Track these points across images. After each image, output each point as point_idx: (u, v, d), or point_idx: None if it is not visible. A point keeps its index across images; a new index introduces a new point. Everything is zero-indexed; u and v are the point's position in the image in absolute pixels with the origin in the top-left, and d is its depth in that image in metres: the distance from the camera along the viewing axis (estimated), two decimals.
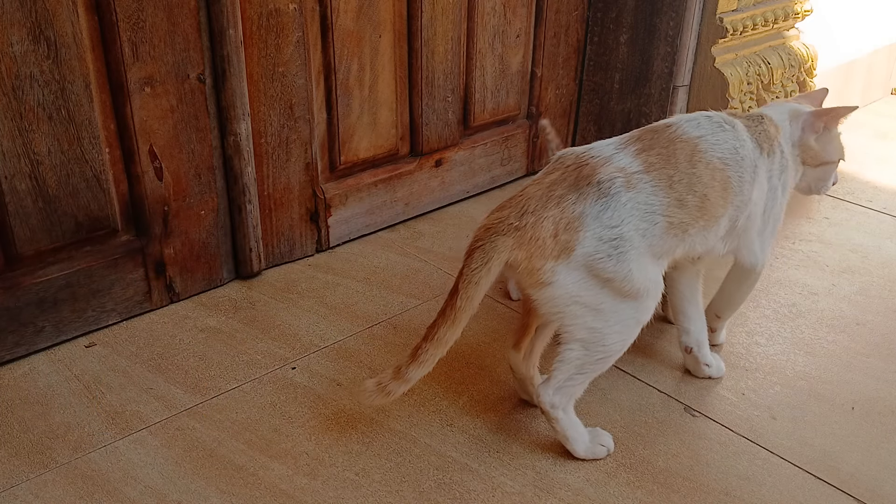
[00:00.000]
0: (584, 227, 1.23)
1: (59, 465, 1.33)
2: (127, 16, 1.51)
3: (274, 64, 1.76)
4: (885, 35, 3.23)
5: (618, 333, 1.30)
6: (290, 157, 1.87)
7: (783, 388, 1.58)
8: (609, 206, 1.24)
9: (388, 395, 1.30)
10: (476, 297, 1.24)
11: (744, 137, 1.39)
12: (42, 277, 1.56)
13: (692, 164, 1.31)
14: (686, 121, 1.38)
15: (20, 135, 1.45)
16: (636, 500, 1.31)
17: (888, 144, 2.88)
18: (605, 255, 1.23)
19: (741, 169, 1.35)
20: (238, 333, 1.69)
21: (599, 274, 1.24)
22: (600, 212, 1.24)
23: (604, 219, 1.23)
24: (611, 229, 1.24)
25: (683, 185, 1.29)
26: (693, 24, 2.22)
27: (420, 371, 1.29)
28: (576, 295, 1.26)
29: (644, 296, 1.28)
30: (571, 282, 1.24)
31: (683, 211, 1.29)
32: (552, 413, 1.34)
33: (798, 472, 1.38)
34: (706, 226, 1.32)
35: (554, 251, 1.23)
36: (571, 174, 1.27)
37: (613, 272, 1.24)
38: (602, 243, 1.23)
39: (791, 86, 2.48)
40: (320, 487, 1.30)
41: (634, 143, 1.32)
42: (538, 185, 1.28)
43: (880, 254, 2.11)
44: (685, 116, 1.40)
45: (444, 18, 2.04)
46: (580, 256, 1.23)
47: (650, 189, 1.27)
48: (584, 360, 1.31)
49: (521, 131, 2.39)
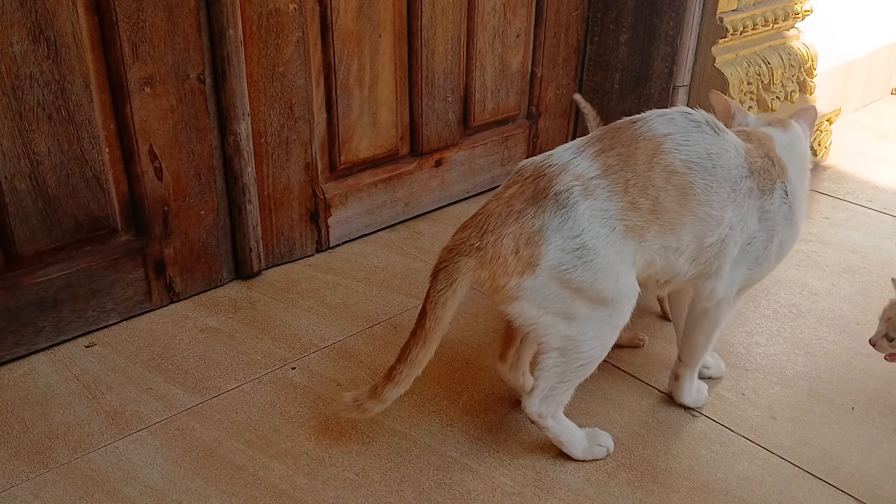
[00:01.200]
0: (545, 240, 1.20)
1: (59, 465, 1.33)
2: (127, 16, 1.50)
3: (274, 64, 1.76)
4: (885, 35, 3.23)
5: (594, 339, 1.27)
6: (290, 157, 1.87)
7: (783, 388, 1.58)
8: (569, 216, 1.20)
9: (364, 413, 1.31)
10: (445, 317, 1.24)
11: (729, 147, 1.29)
12: (42, 277, 1.56)
13: (650, 165, 1.24)
14: (657, 116, 1.31)
15: (20, 135, 1.45)
16: (636, 500, 1.30)
17: (888, 144, 2.88)
18: (570, 266, 1.20)
19: (711, 178, 1.25)
20: (238, 333, 1.69)
21: (569, 284, 1.22)
22: (561, 223, 1.20)
23: (565, 230, 1.20)
24: (573, 239, 1.20)
25: (637, 188, 1.23)
26: (693, 24, 2.21)
27: (396, 391, 1.28)
28: (545, 307, 1.23)
29: (617, 301, 1.25)
30: (540, 295, 1.22)
31: (637, 214, 1.23)
32: (541, 423, 1.34)
33: (798, 472, 1.38)
34: (662, 232, 1.24)
35: (517, 267, 1.21)
36: (529, 187, 1.24)
37: (581, 281, 1.21)
38: (566, 254, 1.20)
39: (791, 86, 2.48)
40: (320, 487, 1.30)
41: (595, 145, 1.26)
42: (498, 200, 1.25)
43: (880, 254, 2.11)
44: (659, 112, 1.32)
45: (444, 18, 2.04)
46: (546, 270, 1.21)
47: (606, 194, 1.22)
48: (563, 368, 1.29)
49: (521, 131, 2.39)
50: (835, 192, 2.46)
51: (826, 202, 2.41)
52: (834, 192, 2.46)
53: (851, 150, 2.77)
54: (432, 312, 1.24)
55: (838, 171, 2.62)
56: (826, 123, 2.59)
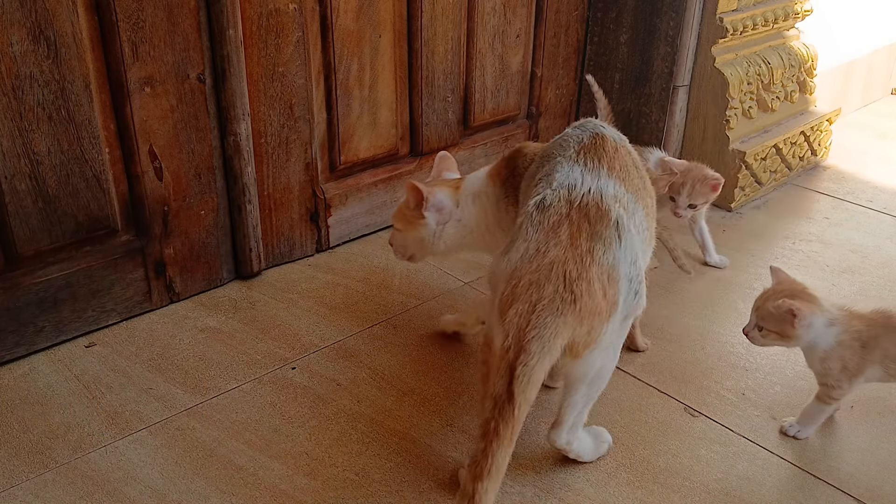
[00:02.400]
0: (619, 275, 1.11)
1: (59, 465, 1.33)
2: (127, 16, 1.50)
3: (274, 64, 1.76)
4: (885, 35, 3.23)
5: (614, 359, 1.23)
6: (290, 157, 1.87)
7: (783, 388, 1.58)
8: (626, 243, 1.13)
9: None
10: (533, 396, 1.05)
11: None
12: (42, 277, 1.56)
13: (636, 169, 1.28)
14: (600, 125, 1.31)
15: (20, 135, 1.45)
16: (636, 500, 1.30)
17: (888, 144, 2.88)
18: (633, 294, 1.14)
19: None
20: (238, 333, 1.69)
21: (629, 313, 1.16)
22: (624, 253, 1.12)
23: (627, 258, 1.13)
24: (633, 266, 1.13)
25: (643, 193, 1.24)
26: (693, 24, 2.21)
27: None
28: (608, 345, 1.15)
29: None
30: (609, 334, 1.13)
31: (650, 219, 1.25)
32: (569, 449, 1.31)
33: (798, 472, 1.38)
34: (654, 230, 1.29)
35: (607, 312, 1.10)
36: (582, 220, 1.13)
37: (638, 307, 1.16)
38: (630, 283, 1.13)
39: (791, 86, 2.48)
40: (320, 487, 1.30)
41: (597, 161, 1.21)
42: (558, 245, 1.11)
43: (880, 254, 2.11)
44: (594, 120, 1.32)
45: (444, 18, 2.04)
46: (622, 306, 1.12)
47: (635, 208, 1.18)
48: (589, 398, 1.26)
49: (521, 131, 2.39)
50: (835, 192, 2.46)
51: (826, 202, 2.41)
52: (834, 192, 2.46)
53: (851, 150, 2.77)
54: (522, 395, 1.03)
55: (838, 171, 2.62)
56: (826, 123, 2.59)
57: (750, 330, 1.40)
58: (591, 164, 1.21)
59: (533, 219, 1.16)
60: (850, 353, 1.34)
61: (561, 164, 1.24)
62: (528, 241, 1.13)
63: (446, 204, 1.47)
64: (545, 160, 1.30)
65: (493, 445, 1.02)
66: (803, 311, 1.31)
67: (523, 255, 1.12)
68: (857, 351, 1.34)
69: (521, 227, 1.17)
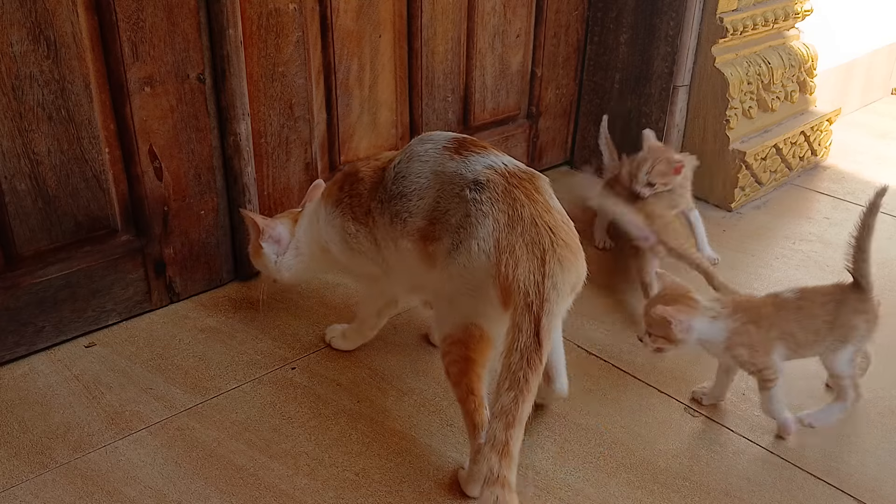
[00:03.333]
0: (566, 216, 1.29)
1: (58, 465, 1.33)
2: (127, 16, 1.50)
3: (274, 64, 1.76)
4: (885, 35, 3.23)
5: None
6: (290, 157, 1.87)
7: (783, 388, 1.58)
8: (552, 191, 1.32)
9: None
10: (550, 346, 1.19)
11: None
12: (42, 277, 1.56)
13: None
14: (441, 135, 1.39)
15: (20, 135, 1.45)
16: (636, 500, 1.30)
17: (888, 144, 2.88)
18: None
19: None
20: (238, 333, 1.69)
21: None
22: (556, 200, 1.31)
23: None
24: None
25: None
26: (693, 24, 2.21)
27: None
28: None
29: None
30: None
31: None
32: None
33: (798, 472, 1.38)
34: None
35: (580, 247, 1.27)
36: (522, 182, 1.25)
37: None
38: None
39: (791, 86, 2.48)
40: (320, 487, 1.30)
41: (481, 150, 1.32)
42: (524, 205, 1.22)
43: (880, 254, 2.10)
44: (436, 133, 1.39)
45: (444, 18, 2.04)
46: None
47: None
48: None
49: (521, 131, 2.39)
50: (835, 192, 2.46)
51: (826, 202, 2.41)
52: (834, 192, 2.46)
53: (851, 150, 2.77)
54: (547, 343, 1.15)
55: (838, 171, 2.62)
56: (826, 123, 2.59)
57: (642, 336, 1.44)
58: (477, 152, 1.30)
59: (480, 200, 1.22)
60: (747, 336, 1.39)
61: (447, 162, 1.30)
62: (492, 216, 1.20)
63: (283, 235, 1.55)
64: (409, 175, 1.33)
65: (525, 394, 1.11)
66: (677, 316, 1.35)
67: (499, 229, 1.19)
68: (753, 332, 1.39)
69: (470, 216, 1.22)
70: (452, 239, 1.24)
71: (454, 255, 1.23)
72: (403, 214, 1.33)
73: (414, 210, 1.31)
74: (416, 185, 1.32)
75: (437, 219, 1.28)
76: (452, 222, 1.25)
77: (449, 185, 1.28)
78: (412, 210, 1.31)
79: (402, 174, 1.35)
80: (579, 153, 2.55)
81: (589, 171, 2.37)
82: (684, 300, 1.40)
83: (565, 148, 2.55)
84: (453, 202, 1.26)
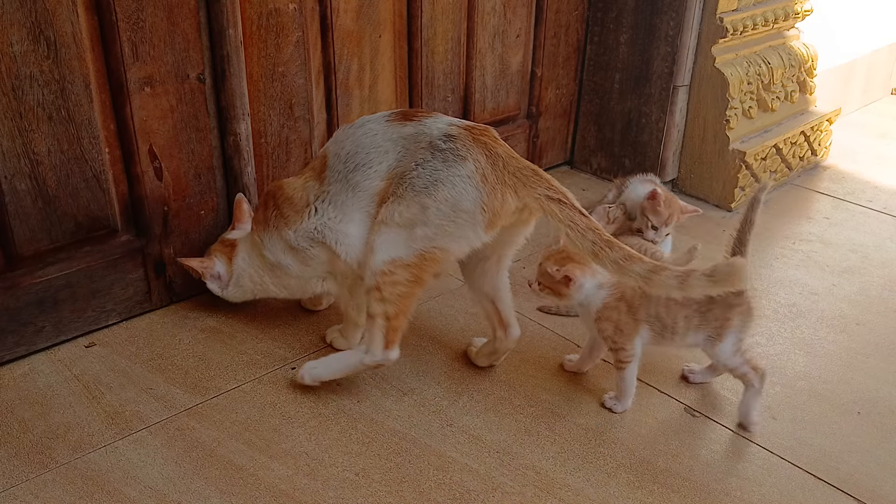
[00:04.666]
0: None
1: (59, 465, 1.33)
2: (127, 16, 1.50)
3: (274, 64, 1.76)
4: (885, 35, 3.23)
5: None
6: (290, 157, 1.87)
7: (783, 388, 1.58)
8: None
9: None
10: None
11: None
12: (42, 277, 1.56)
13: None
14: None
15: (20, 135, 1.45)
16: (636, 500, 1.30)
17: (888, 144, 2.88)
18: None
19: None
20: (238, 333, 1.69)
21: None
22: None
23: None
24: None
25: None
26: (693, 24, 2.21)
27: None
28: None
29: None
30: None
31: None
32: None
33: (798, 472, 1.38)
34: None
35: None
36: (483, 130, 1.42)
37: None
38: None
39: (791, 86, 2.48)
40: (320, 487, 1.30)
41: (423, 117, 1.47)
42: (496, 147, 1.39)
43: (880, 254, 2.11)
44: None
45: (444, 18, 2.04)
46: None
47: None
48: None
49: (521, 131, 2.39)
50: (835, 192, 2.46)
51: (826, 202, 2.41)
52: (834, 192, 2.46)
53: (851, 150, 2.77)
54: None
55: (838, 171, 2.62)
56: (826, 123, 2.59)
57: (532, 283, 1.48)
58: (429, 116, 1.44)
59: (456, 147, 1.37)
60: (616, 313, 1.43)
61: (402, 129, 1.43)
62: (472, 158, 1.36)
63: (222, 272, 1.66)
64: (360, 150, 1.45)
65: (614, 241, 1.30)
66: (577, 273, 1.41)
67: (481, 167, 1.36)
68: (623, 312, 1.42)
69: (447, 160, 1.37)
70: (426, 179, 1.37)
71: (431, 191, 1.36)
72: (366, 181, 1.44)
73: (374, 174, 1.43)
74: (375, 154, 1.44)
75: (400, 173, 1.41)
76: (423, 168, 1.38)
77: (413, 143, 1.41)
78: (372, 175, 1.44)
79: (351, 152, 1.46)
80: (579, 153, 2.55)
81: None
82: (581, 258, 1.41)
83: (565, 148, 2.55)
84: (420, 152, 1.39)
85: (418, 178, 1.38)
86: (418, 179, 1.38)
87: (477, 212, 1.36)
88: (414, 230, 1.38)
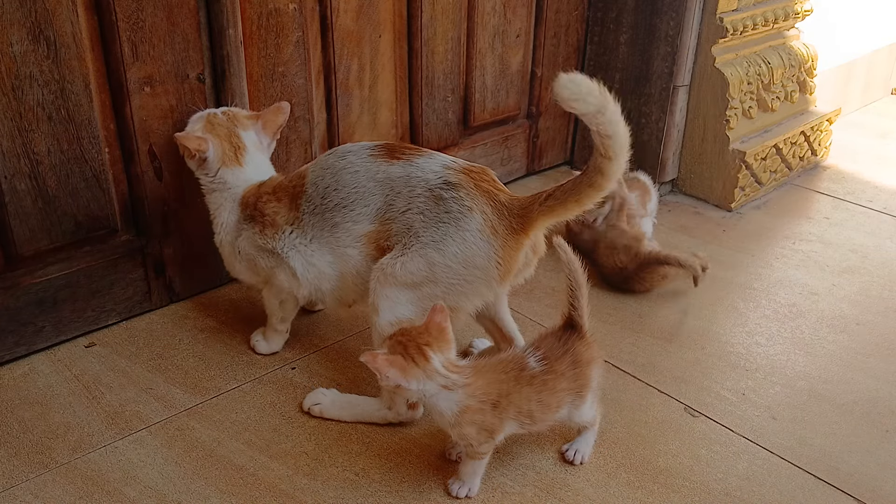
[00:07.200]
0: None
1: (58, 465, 1.33)
2: (127, 16, 1.50)
3: (274, 64, 1.75)
4: (885, 35, 3.23)
5: None
6: (289, 158, 1.87)
7: (783, 388, 1.58)
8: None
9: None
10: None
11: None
12: (42, 277, 1.56)
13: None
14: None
15: (20, 135, 1.45)
16: (636, 500, 1.30)
17: (888, 144, 2.88)
18: None
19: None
20: (238, 333, 1.69)
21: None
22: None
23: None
24: None
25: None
26: (693, 24, 2.21)
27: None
28: None
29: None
30: None
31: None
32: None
33: (798, 472, 1.38)
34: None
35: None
36: (481, 172, 1.39)
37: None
38: None
39: (791, 86, 2.48)
40: (320, 487, 1.30)
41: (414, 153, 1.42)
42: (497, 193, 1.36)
43: (880, 254, 2.11)
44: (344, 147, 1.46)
45: (444, 18, 2.04)
46: None
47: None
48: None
49: (521, 131, 2.39)
50: (835, 192, 2.46)
51: (826, 202, 2.41)
52: (834, 192, 2.46)
53: (851, 150, 2.77)
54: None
55: (838, 171, 2.62)
56: (826, 123, 2.59)
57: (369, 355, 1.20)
58: (417, 153, 1.39)
59: (460, 197, 1.31)
60: (481, 416, 1.20)
61: (388, 168, 1.37)
62: (478, 209, 1.31)
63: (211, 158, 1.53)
64: (341, 186, 1.39)
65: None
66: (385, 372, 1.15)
67: (489, 218, 1.31)
68: (488, 414, 1.21)
69: (451, 212, 1.31)
70: (432, 234, 1.31)
71: (440, 245, 1.31)
72: (348, 223, 1.39)
73: (358, 216, 1.39)
74: (357, 195, 1.38)
75: (392, 218, 1.36)
76: (426, 217, 1.32)
77: (405, 186, 1.35)
78: (355, 217, 1.39)
79: (330, 187, 1.41)
80: (579, 153, 2.55)
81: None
82: (418, 351, 1.16)
83: (565, 148, 2.55)
84: (417, 198, 1.34)
85: (424, 230, 1.32)
86: (424, 231, 1.32)
87: (491, 267, 1.31)
88: (421, 289, 1.32)
